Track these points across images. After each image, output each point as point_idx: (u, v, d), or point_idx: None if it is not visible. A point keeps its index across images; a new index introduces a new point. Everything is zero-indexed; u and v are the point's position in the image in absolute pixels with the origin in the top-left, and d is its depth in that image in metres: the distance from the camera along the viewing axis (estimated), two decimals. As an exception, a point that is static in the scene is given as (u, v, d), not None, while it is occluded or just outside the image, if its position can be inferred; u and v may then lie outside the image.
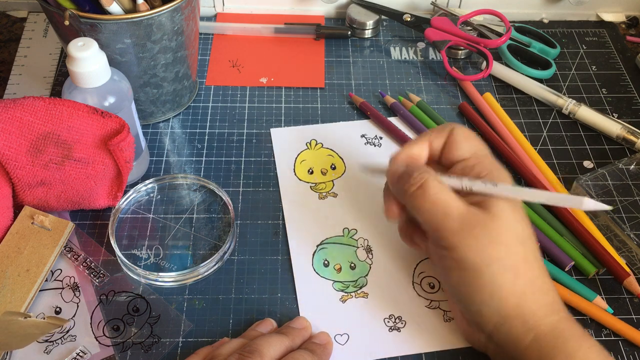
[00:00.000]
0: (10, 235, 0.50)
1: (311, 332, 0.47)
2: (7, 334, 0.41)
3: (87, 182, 0.52)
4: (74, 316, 0.48)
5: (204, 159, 0.60)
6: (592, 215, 0.55)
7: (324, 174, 0.59)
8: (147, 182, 0.57)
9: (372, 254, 0.53)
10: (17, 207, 0.52)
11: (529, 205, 0.56)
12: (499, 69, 0.68)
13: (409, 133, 0.62)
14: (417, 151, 0.48)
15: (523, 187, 0.45)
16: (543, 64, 0.69)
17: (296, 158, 0.60)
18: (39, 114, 0.48)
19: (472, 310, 0.43)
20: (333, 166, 0.60)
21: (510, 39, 0.71)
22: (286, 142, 0.62)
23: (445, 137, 0.47)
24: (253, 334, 0.46)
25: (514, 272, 0.41)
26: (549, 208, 0.56)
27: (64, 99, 0.49)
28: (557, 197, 0.44)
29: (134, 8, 0.54)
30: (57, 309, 0.49)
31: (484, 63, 0.68)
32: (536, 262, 0.42)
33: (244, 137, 0.62)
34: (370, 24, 0.72)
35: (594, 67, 0.71)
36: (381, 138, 0.62)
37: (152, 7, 0.54)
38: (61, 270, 0.51)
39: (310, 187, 0.58)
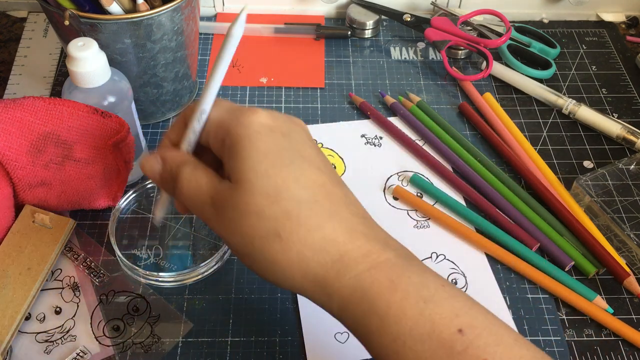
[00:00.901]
0: (11, 234, 0.50)
1: None
2: None
3: (87, 182, 0.52)
4: (74, 316, 0.48)
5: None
6: (592, 215, 0.55)
7: (324, 174, 0.59)
8: (147, 182, 0.57)
9: (372, 253, 0.53)
10: (18, 207, 0.52)
11: (528, 204, 0.56)
12: (499, 69, 0.68)
13: (409, 133, 0.62)
14: (169, 141, 0.41)
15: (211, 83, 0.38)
16: (543, 64, 0.69)
17: (296, 158, 0.60)
18: (39, 114, 0.48)
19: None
20: (333, 166, 0.60)
21: (510, 39, 0.71)
22: (286, 142, 0.62)
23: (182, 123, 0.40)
24: None
25: (278, 237, 0.34)
26: (548, 207, 0.56)
27: (64, 99, 0.49)
28: (221, 59, 0.37)
29: (134, 8, 0.54)
30: (57, 309, 0.49)
31: (484, 63, 0.68)
32: (306, 212, 0.35)
33: (244, 137, 0.62)
34: (370, 24, 0.72)
35: (594, 67, 0.71)
36: (381, 138, 0.62)
37: (152, 7, 0.54)
38: (61, 270, 0.51)
39: (310, 187, 0.58)
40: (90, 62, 0.48)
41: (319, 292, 0.35)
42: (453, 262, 0.53)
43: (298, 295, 0.50)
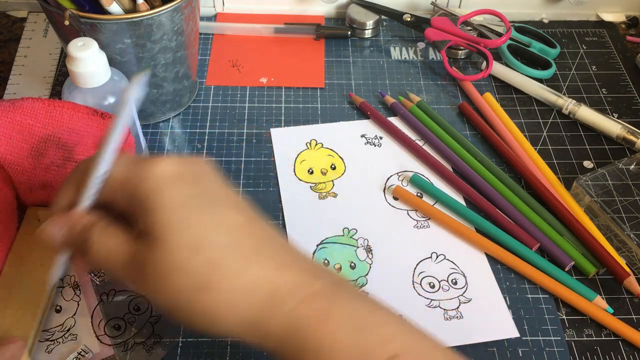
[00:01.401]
0: (20, 235, 0.50)
1: None
2: None
3: (87, 182, 0.52)
4: (74, 314, 0.48)
5: (204, 159, 0.60)
6: (592, 215, 0.55)
7: (324, 174, 0.59)
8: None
9: (372, 253, 0.53)
10: (20, 209, 0.52)
11: (528, 204, 0.56)
12: (499, 69, 0.68)
13: (409, 133, 0.62)
14: (60, 208, 0.37)
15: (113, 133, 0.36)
16: (543, 64, 0.69)
17: (296, 158, 0.60)
18: (39, 117, 0.48)
19: None
20: (333, 166, 0.60)
21: (510, 39, 0.71)
22: (286, 142, 0.62)
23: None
24: None
25: (207, 289, 0.33)
26: (548, 207, 0.56)
27: (63, 101, 0.49)
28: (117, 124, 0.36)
29: (134, 8, 0.54)
30: (58, 308, 0.49)
31: (484, 63, 0.68)
32: (231, 257, 0.33)
33: (244, 137, 0.62)
34: (370, 24, 0.72)
35: (594, 67, 0.71)
36: (381, 138, 0.62)
37: (152, 7, 0.54)
38: (61, 270, 0.51)
39: (310, 187, 0.58)
40: (90, 62, 0.48)
41: (255, 335, 0.34)
42: (453, 262, 0.53)
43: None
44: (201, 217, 0.34)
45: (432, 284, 0.51)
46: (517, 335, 0.49)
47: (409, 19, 0.73)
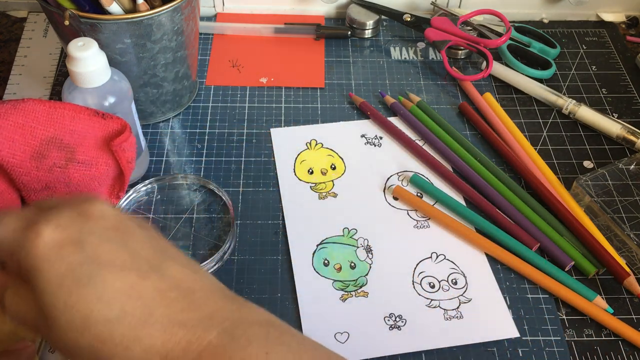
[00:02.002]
0: None
1: None
2: None
3: (90, 183, 0.52)
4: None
5: (204, 159, 0.60)
6: (592, 215, 0.55)
7: (324, 174, 0.59)
8: (147, 182, 0.57)
9: (372, 253, 0.53)
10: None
11: (528, 204, 0.56)
12: (499, 69, 0.68)
13: (409, 133, 0.62)
14: None
15: None
16: (543, 64, 0.69)
17: (296, 158, 0.60)
18: (40, 119, 0.48)
19: None
20: (333, 166, 0.60)
21: (510, 39, 0.71)
22: (286, 142, 0.62)
23: None
24: None
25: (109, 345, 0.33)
26: (548, 207, 0.56)
27: (65, 103, 0.49)
28: None
29: (134, 8, 0.54)
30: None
31: (484, 63, 0.68)
32: (119, 330, 0.33)
33: (244, 137, 0.62)
34: (370, 24, 0.72)
35: (594, 67, 0.71)
36: (381, 138, 0.62)
37: (152, 7, 0.54)
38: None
39: (310, 187, 0.58)
40: (90, 62, 0.48)
41: None
42: (453, 262, 0.53)
43: (298, 296, 0.50)
44: (84, 291, 0.33)
45: (432, 284, 0.51)
46: (517, 335, 0.49)
47: (409, 19, 0.73)
